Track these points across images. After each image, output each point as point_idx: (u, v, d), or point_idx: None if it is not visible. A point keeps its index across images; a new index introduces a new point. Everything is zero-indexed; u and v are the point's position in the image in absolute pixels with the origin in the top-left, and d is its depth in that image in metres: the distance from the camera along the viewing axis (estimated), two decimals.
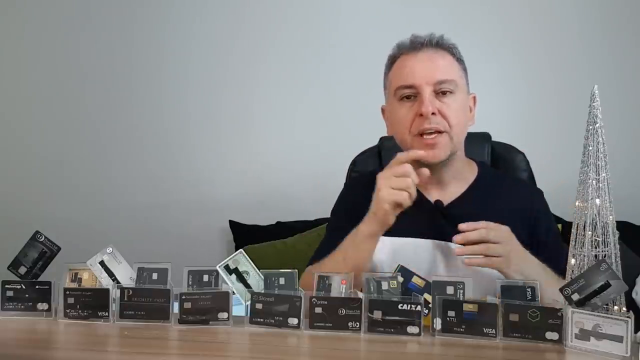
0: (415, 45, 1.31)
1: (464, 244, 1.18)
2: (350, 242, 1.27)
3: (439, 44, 1.31)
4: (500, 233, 1.18)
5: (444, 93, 1.27)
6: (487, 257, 1.16)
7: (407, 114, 1.29)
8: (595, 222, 0.96)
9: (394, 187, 1.19)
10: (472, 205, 1.33)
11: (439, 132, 1.26)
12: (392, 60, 1.35)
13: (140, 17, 2.90)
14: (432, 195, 1.35)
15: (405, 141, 1.32)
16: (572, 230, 0.99)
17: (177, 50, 2.88)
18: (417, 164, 1.31)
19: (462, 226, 1.18)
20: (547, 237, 1.34)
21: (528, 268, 1.18)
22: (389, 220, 1.22)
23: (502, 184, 1.39)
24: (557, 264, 1.23)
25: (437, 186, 1.35)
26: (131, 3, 2.90)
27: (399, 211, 1.21)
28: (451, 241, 1.28)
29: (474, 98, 1.37)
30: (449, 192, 1.35)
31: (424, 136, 1.27)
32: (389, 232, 1.32)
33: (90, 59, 2.92)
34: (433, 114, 1.25)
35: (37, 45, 2.95)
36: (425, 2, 2.71)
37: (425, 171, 1.22)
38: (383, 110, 1.40)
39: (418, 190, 1.35)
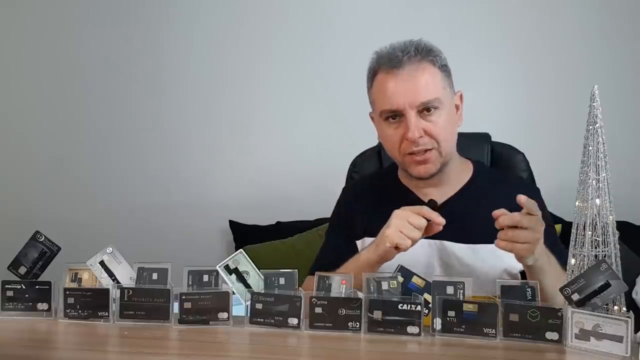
0: (394, 62, 1.27)
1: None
2: (352, 266, 1.28)
3: (418, 55, 1.27)
4: (533, 221, 1.13)
5: (428, 110, 1.27)
6: (513, 243, 1.12)
7: (394, 134, 1.30)
8: (595, 222, 0.96)
9: (403, 231, 1.18)
10: (465, 204, 1.34)
11: (428, 149, 1.28)
12: (372, 74, 1.33)
13: (141, 17, 2.90)
14: (427, 196, 1.35)
15: (395, 157, 1.34)
16: (572, 230, 0.99)
17: (177, 50, 2.88)
18: (409, 174, 1.34)
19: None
20: None
21: (543, 255, 1.16)
22: (388, 256, 1.23)
23: (496, 183, 1.39)
24: None
25: (432, 188, 1.36)
26: (132, 3, 2.90)
27: (398, 252, 1.21)
28: (445, 240, 1.31)
29: (461, 96, 1.35)
30: (443, 192, 1.36)
31: (414, 154, 1.29)
32: None
33: (90, 59, 2.92)
34: (420, 136, 1.26)
35: (37, 45, 2.95)
36: (425, 3, 2.70)
37: (439, 228, 1.21)
38: (372, 118, 1.40)
39: (412, 191, 1.38)
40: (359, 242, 1.41)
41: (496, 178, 1.42)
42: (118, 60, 2.91)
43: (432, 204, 1.33)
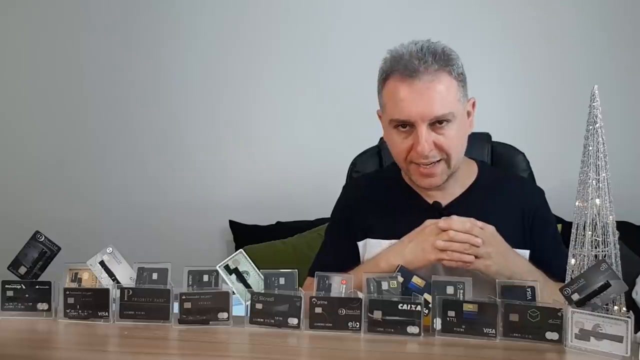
0: (409, 70, 1.19)
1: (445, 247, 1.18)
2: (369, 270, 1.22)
3: (435, 64, 1.19)
4: (484, 233, 1.17)
5: (440, 122, 1.22)
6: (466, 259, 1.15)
7: (402, 143, 1.25)
8: (595, 222, 0.96)
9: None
10: (470, 206, 1.31)
11: (437, 160, 1.25)
12: (384, 76, 1.26)
13: (140, 18, 2.90)
14: (432, 198, 1.34)
15: (400, 164, 1.31)
16: (572, 230, 0.99)
17: (176, 50, 2.88)
18: (414, 185, 1.33)
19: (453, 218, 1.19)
20: (542, 237, 1.33)
21: (513, 267, 1.18)
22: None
23: (501, 184, 1.38)
24: (551, 265, 1.23)
25: (437, 190, 1.34)
26: (131, 3, 2.90)
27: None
28: None
29: (473, 103, 1.32)
30: (448, 194, 1.34)
31: (421, 165, 1.25)
32: (389, 235, 1.31)
33: (89, 60, 2.92)
34: (430, 150, 1.22)
35: (36, 45, 2.95)
36: (426, 3, 2.71)
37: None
38: (379, 115, 1.36)
39: (417, 193, 1.36)
40: (360, 244, 1.37)
41: (501, 177, 1.41)
42: (117, 61, 2.90)
43: (436, 206, 1.33)
